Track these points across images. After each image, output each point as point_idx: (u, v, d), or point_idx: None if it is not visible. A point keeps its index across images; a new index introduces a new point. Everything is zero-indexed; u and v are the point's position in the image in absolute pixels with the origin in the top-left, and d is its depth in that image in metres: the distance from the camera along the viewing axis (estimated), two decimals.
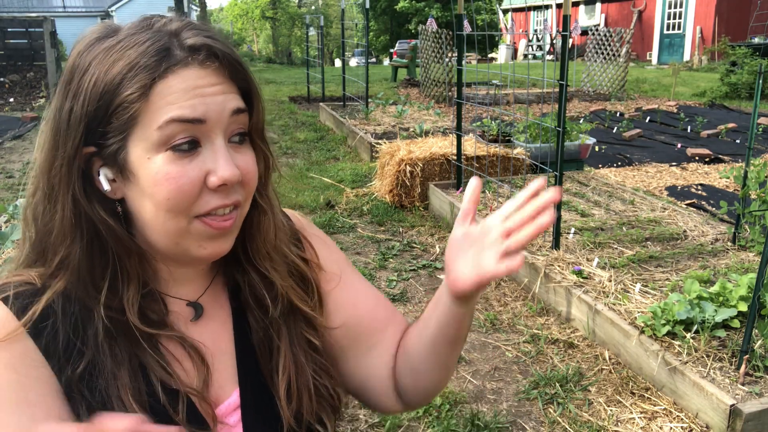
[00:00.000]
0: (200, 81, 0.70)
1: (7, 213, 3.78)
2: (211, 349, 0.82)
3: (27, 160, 7.48)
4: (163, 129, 0.69)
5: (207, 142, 0.72)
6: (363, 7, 9.80)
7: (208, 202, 0.72)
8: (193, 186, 0.71)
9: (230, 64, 0.73)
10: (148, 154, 0.70)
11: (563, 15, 3.44)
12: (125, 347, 0.74)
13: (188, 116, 0.69)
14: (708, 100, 12.13)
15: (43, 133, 0.74)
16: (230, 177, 0.71)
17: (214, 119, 0.71)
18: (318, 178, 6.35)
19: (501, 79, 11.68)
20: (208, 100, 0.70)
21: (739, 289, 2.94)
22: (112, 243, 0.73)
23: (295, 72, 20.36)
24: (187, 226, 0.73)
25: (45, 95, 12.39)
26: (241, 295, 0.86)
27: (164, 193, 0.70)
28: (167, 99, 0.69)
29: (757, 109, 3.45)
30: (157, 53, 0.69)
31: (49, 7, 29.67)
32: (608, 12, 23.76)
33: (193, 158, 0.71)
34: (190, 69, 0.70)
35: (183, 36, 0.72)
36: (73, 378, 0.71)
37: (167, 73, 0.69)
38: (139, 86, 0.68)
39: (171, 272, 0.81)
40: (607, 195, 5.08)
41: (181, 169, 0.70)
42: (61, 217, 0.72)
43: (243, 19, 49.95)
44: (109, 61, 0.70)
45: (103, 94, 0.69)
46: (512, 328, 3.36)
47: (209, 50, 0.72)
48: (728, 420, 2.34)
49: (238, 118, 0.74)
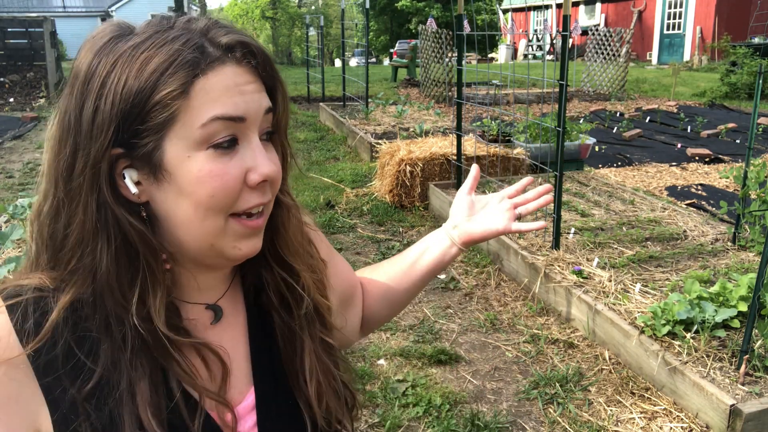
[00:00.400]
0: (239, 78, 0.71)
1: (7, 213, 3.78)
2: (230, 352, 0.80)
3: (27, 160, 7.48)
4: (207, 127, 0.68)
5: (244, 140, 0.72)
6: (363, 7, 9.80)
7: (248, 201, 0.73)
8: (236, 183, 0.71)
9: (263, 62, 0.74)
10: (188, 152, 0.69)
11: (563, 15, 3.45)
12: (148, 359, 0.71)
13: (232, 114, 0.69)
14: (708, 100, 12.13)
15: (54, 137, 0.71)
16: (270, 173, 0.73)
17: (253, 117, 0.72)
18: (318, 178, 6.35)
19: (501, 79, 11.69)
20: (247, 98, 0.71)
21: (739, 289, 2.94)
22: (141, 248, 0.71)
23: (295, 72, 20.36)
24: (224, 225, 0.73)
25: (45, 95, 12.39)
26: (262, 295, 0.85)
27: (208, 190, 0.70)
28: (209, 96, 0.68)
29: (757, 109, 3.45)
30: (193, 50, 0.69)
31: (49, 7, 29.66)
32: (608, 12, 23.76)
33: (233, 156, 0.71)
34: (227, 66, 0.70)
35: (214, 34, 0.71)
36: (79, 397, 0.68)
37: (207, 70, 0.69)
38: (179, 83, 0.67)
39: (193, 277, 0.79)
40: (607, 195, 5.08)
41: (224, 167, 0.70)
42: (82, 223, 0.69)
43: (243, 19, 49.93)
44: (140, 59, 0.67)
45: (138, 92, 0.67)
46: (512, 328, 3.36)
47: (246, 48, 0.72)
48: (728, 420, 2.34)
49: (268, 116, 0.75)
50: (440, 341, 3.24)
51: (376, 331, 3.34)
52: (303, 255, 0.86)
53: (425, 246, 1.11)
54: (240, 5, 50.36)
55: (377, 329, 3.42)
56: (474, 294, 3.78)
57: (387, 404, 2.70)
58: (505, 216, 1.06)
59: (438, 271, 1.11)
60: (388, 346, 3.16)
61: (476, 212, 1.09)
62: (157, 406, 0.70)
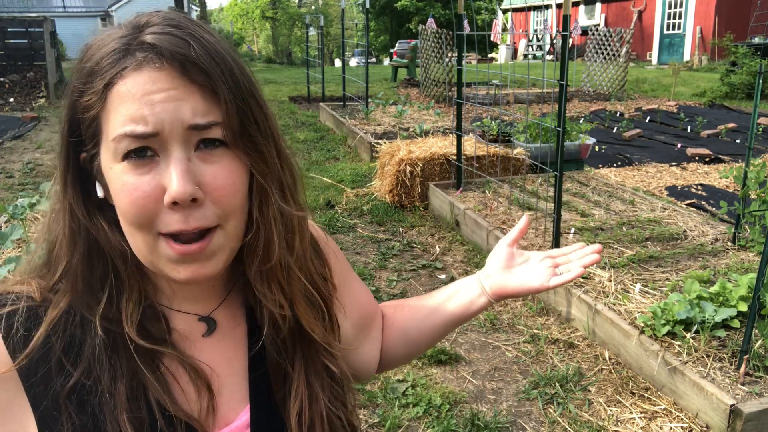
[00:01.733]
0: (150, 86, 0.63)
1: (7, 213, 3.78)
2: (225, 368, 0.77)
3: (27, 160, 7.48)
4: (117, 142, 0.64)
5: (163, 153, 0.65)
6: (363, 7, 9.80)
7: (167, 224, 0.65)
8: (147, 200, 0.64)
9: (181, 65, 0.63)
10: (110, 163, 0.66)
11: (563, 15, 3.44)
12: (125, 363, 0.69)
13: (138, 132, 0.63)
14: (708, 100, 12.13)
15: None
16: (179, 195, 0.63)
17: (167, 130, 0.63)
18: (318, 178, 6.35)
19: (501, 79, 11.68)
20: (157, 108, 0.63)
21: (739, 289, 2.94)
22: (108, 251, 0.70)
23: (295, 72, 20.36)
24: (153, 243, 0.67)
25: (45, 95, 12.39)
26: (255, 312, 0.80)
27: (123, 205, 0.66)
28: (120, 106, 0.64)
29: (757, 109, 3.45)
30: (115, 53, 0.65)
31: (49, 7, 29.65)
32: (608, 12, 23.76)
33: (152, 168, 0.64)
34: (143, 72, 0.63)
35: (144, 33, 0.65)
36: (62, 393, 0.67)
37: (118, 77, 0.64)
38: (94, 91, 0.65)
39: (173, 288, 0.75)
40: (607, 195, 5.08)
41: (136, 181, 0.64)
42: (62, 227, 0.70)
43: (243, 19, 49.94)
44: (81, 64, 0.68)
45: (75, 100, 0.67)
46: (512, 328, 3.36)
47: (156, 50, 0.64)
48: (728, 420, 2.34)
49: (201, 132, 0.65)
50: (440, 341, 3.24)
51: None
52: (285, 282, 0.76)
53: (454, 290, 1.04)
54: (240, 5, 50.35)
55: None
56: None
57: (387, 404, 2.70)
58: (545, 273, 0.97)
59: (463, 320, 1.04)
60: None
61: (514, 266, 1.01)
62: (134, 412, 0.68)
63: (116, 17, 29.62)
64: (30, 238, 3.80)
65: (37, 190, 5.01)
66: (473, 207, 4.64)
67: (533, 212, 4.45)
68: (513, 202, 4.78)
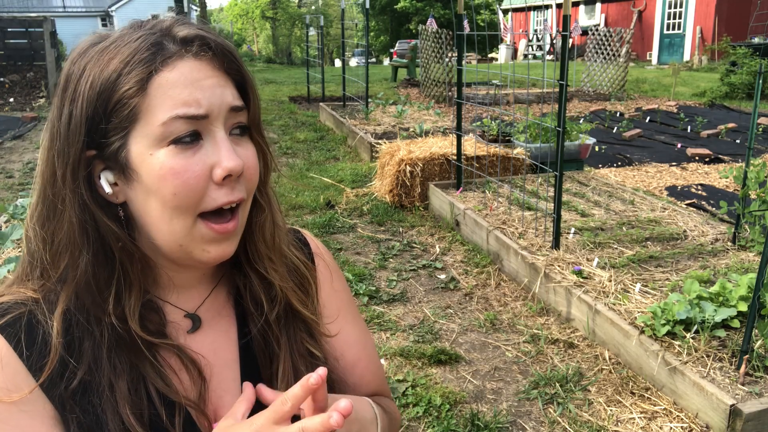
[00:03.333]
0: (197, 73, 0.70)
1: (7, 213, 3.78)
2: (212, 360, 0.80)
3: (27, 160, 7.48)
4: (167, 125, 0.68)
5: (208, 135, 0.71)
6: (363, 7, 9.80)
7: (215, 199, 0.71)
8: (198, 180, 0.70)
9: (224, 55, 0.72)
10: (150, 149, 0.69)
11: (563, 15, 3.45)
12: (126, 358, 0.73)
13: (193, 113, 0.69)
14: (708, 100, 12.13)
15: (43, 145, 0.73)
16: (235, 167, 0.70)
17: (215, 112, 0.70)
18: (318, 178, 6.35)
19: (501, 79, 11.68)
20: (207, 93, 0.70)
21: (739, 289, 2.94)
22: (116, 249, 0.72)
23: (295, 72, 20.36)
24: (192, 226, 0.72)
25: (45, 95, 12.39)
26: (241, 301, 0.84)
27: (170, 188, 0.69)
28: (167, 93, 0.68)
29: (757, 109, 3.45)
30: (150, 47, 0.69)
31: (49, 7, 29.65)
32: (608, 12, 23.76)
33: (196, 151, 0.70)
34: (185, 61, 0.70)
35: (175, 30, 0.71)
36: (66, 394, 0.70)
37: (163, 66, 0.68)
38: (136, 80, 0.68)
39: (171, 278, 0.79)
40: (607, 195, 5.08)
41: (185, 163, 0.69)
42: (69, 227, 0.71)
43: (243, 19, 49.92)
44: (103, 60, 0.69)
45: (100, 93, 0.69)
46: (512, 328, 3.36)
47: (202, 41, 0.71)
48: (728, 420, 2.34)
49: (239, 112, 0.74)
50: (440, 341, 3.24)
51: (376, 330, 3.34)
52: (276, 259, 0.83)
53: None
54: (240, 5, 50.34)
55: None
56: (474, 294, 3.78)
57: None
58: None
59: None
60: (388, 346, 3.16)
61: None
62: (136, 404, 0.71)
63: (116, 17, 29.62)
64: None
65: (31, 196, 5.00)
66: (473, 207, 4.64)
67: (533, 212, 4.45)
68: (513, 202, 4.78)
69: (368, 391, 0.94)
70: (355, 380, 0.92)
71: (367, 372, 0.94)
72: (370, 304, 3.64)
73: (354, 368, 0.93)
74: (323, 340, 0.89)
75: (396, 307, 3.62)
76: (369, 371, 0.95)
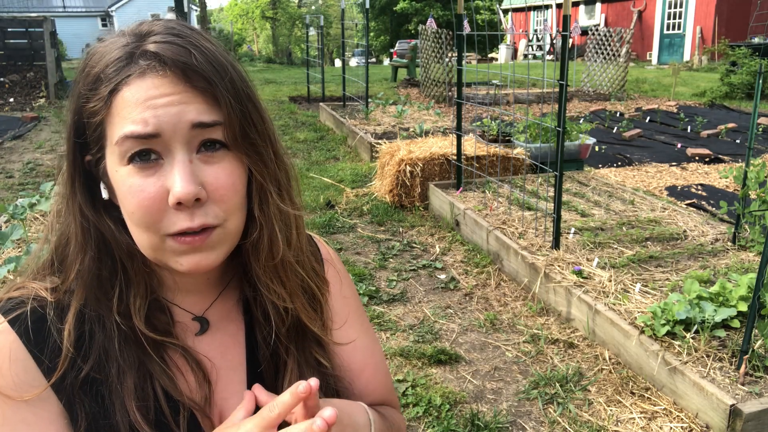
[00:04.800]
0: (153, 91, 0.66)
1: (7, 213, 3.78)
2: (219, 362, 0.80)
3: (27, 160, 7.47)
4: (120, 144, 0.67)
5: (167, 156, 0.68)
6: (363, 8, 9.80)
7: (174, 223, 0.68)
8: (153, 202, 0.67)
9: (183, 72, 0.67)
10: (116, 166, 0.69)
11: (563, 15, 3.44)
12: (134, 354, 0.73)
13: (140, 132, 0.66)
14: (708, 100, 12.13)
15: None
16: (183, 195, 0.66)
17: (170, 132, 0.66)
18: (318, 178, 6.35)
19: (501, 79, 11.68)
20: (159, 112, 0.66)
21: (739, 289, 2.94)
22: (116, 249, 0.73)
23: (295, 72, 20.36)
24: (160, 242, 0.70)
25: (45, 95, 12.38)
26: (250, 308, 0.83)
27: (130, 207, 0.69)
28: (123, 111, 0.67)
29: (757, 109, 3.45)
30: (120, 61, 0.68)
31: (49, 7, 29.66)
32: (608, 12, 23.76)
33: (156, 171, 0.68)
34: (146, 78, 0.67)
35: (146, 41, 0.69)
36: (75, 384, 0.71)
37: (123, 84, 0.67)
38: (99, 97, 0.68)
39: (176, 281, 0.79)
40: (607, 195, 5.08)
41: (142, 183, 0.67)
42: (74, 227, 0.73)
43: (243, 19, 49.90)
44: (88, 68, 0.70)
45: (81, 105, 0.70)
46: (512, 328, 3.36)
47: (158, 58, 0.67)
48: (728, 420, 2.34)
49: (204, 130, 0.68)
50: (440, 341, 3.24)
51: (376, 330, 3.34)
52: (285, 274, 0.79)
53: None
54: (240, 5, 50.33)
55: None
56: (474, 294, 3.78)
57: None
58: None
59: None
60: (388, 346, 3.16)
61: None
62: (142, 400, 0.72)
63: (116, 17, 29.62)
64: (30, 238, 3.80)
65: (37, 190, 5.01)
66: (473, 207, 4.64)
67: (533, 212, 4.45)
68: (513, 202, 4.78)
69: (374, 399, 0.93)
70: (361, 387, 0.91)
71: (374, 380, 0.93)
72: (370, 304, 3.64)
73: (360, 375, 0.92)
74: (332, 350, 0.88)
75: (396, 307, 3.62)
76: (375, 379, 0.94)
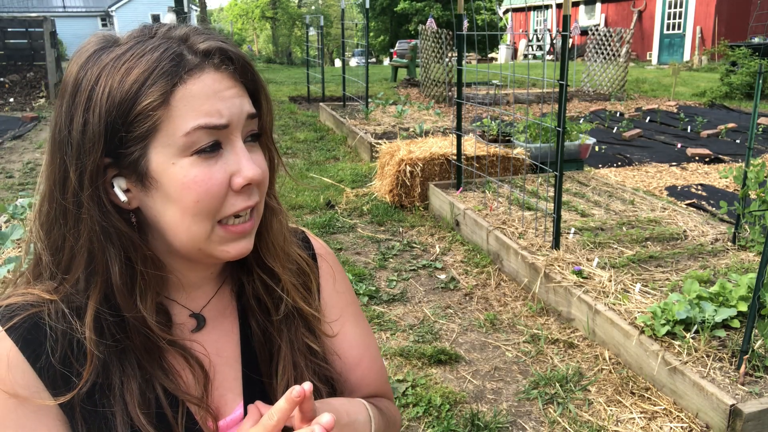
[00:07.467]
0: (218, 85, 0.71)
1: (7, 213, 3.78)
2: (214, 359, 0.82)
3: (27, 160, 7.48)
4: (190, 135, 0.70)
5: (228, 145, 0.73)
6: (363, 8, 9.80)
7: (234, 205, 0.74)
8: (220, 188, 0.72)
9: (242, 67, 0.75)
10: (173, 159, 0.70)
11: (563, 15, 3.44)
12: (137, 357, 0.74)
13: (215, 123, 0.70)
14: (708, 100, 12.12)
15: (48, 150, 0.73)
16: (255, 176, 0.73)
17: (235, 122, 0.73)
18: (318, 178, 6.35)
19: (501, 79, 11.68)
20: (228, 103, 0.72)
21: (739, 289, 2.94)
22: (132, 253, 0.74)
23: (295, 72, 20.36)
24: (210, 231, 0.74)
25: (45, 95, 12.39)
26: (242, 300, 0.86)
27: (193, 196, 0.71)
28: (190, 104, 0.70)
29: (757, 109, 3.45)
30: (172, 59, 0.70)
31: (49, 7, 29.65)
32: (608, 12, 23.75)
33: (217, 160, 0.72)
34: (206, 73, 0.71)
35: (193, 41, 0.73)
36: (78, 396, 0.71)
37: (186, 78, 0.70)
38: (159, 93, 0.69)
39: (180, 279, 0.81)
40: (607, 195, 5.08)
41: (208, 172, 0.71)
42: (90, 232, 0.71)
43: (243, 19, 49.89)
44: (121, 70, 0.69)
45: (120, 103, 0.68)
46: (512, 328, 3.36)
47: (223, 54, 0.73)
48: (728, 420, 2.34)
49: (253, 120, 0.76)
50: (440, 341, 3.24)
51: (376, 330, 3.34)
52: (283, 259, 0.86)
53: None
54: (240, 5, 50.32)
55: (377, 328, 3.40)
56: (474, 294, 3.78)
57: None
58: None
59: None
60: (388, 346, 3.16)
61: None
62: (146, 405, 0.73)
63: (116, 17, 29.61)
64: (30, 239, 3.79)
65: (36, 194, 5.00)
66: (473, 207, 4.64)
67: (533, 212, 4.45)
68: (513, 202, 4.78)
69: (369, 391, 0.95)
70: (356, 380, 0.94)
71: (369, 373, 0.96)
72: (370, 304, 3.64)
73: (356, 369, 0.94)
74: (323, 337, 0.91)
75: (396, 307, 3.62)
76: (371, 372, 0.96)
